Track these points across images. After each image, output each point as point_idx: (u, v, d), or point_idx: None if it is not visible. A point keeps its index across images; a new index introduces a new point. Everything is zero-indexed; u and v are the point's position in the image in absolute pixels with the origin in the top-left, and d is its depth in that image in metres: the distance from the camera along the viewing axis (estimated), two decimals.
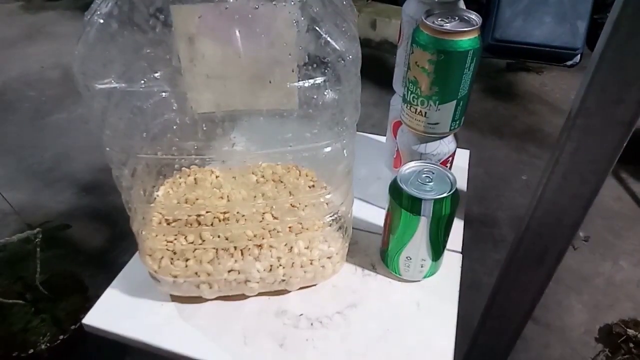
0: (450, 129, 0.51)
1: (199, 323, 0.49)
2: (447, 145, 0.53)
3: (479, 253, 1.45)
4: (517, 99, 2.23)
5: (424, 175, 0.48)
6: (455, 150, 0.55)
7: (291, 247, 0.48)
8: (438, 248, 0.50)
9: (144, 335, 0.48)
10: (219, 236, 0.47)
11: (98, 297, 0.51)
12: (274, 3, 0.39)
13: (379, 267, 0.54)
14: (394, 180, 0.48)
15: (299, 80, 0.41)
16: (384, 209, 0.50)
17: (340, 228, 0.51)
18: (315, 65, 0.41)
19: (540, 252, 0.51)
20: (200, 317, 0.49)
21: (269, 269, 0.48)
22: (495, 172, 1.77)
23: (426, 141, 0.53)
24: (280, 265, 0.48)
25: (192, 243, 0.47)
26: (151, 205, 0.48)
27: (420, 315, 0.50)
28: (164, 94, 0.41)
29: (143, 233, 0.47)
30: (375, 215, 0.59)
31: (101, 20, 0.37)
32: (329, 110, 0.43)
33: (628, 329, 1.22)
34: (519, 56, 2.42)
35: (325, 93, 0.42)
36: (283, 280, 0.49)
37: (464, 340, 0.57)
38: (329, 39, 0.40)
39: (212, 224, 0.47)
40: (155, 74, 0.40)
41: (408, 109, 0.51)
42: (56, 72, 2.32)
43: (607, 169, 0.42)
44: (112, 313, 0.50)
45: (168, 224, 0.47)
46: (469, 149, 0.71)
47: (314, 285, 0.52)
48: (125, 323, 0.49)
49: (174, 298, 0.51)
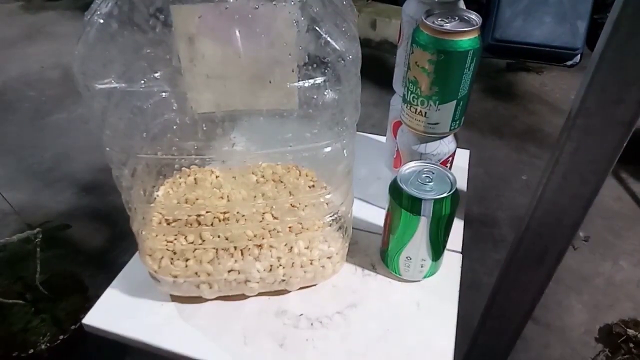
0: (450, 129, 0.51)
1: (199, 323, 0.49)
2: (447, 145, 0.53)
3: (479, 253, 1.45)
4: (517, 99, 2.23)
5: (424, 175, 0.48)
6: (455, 150, 0.55)
7: (291, 247, 0.48)
8: (438, 248, 0.50)
9: (144, 335, 0.48)
10: (219, 236, 0.47)
11: (98, 297, 0.51)
12: (274, 3, 0.39)
13: (379, 267, 0.54)
14: (394, 180, 0.48)
15: (299, 80, 0.41)
16: (384, 209, 0.50)
17: (340, 228, 0.51)
18: (315, 65, 0.41)
19: (540, 252, 0.51)
20: (200, 317, 0.49)
21: (269, 269, 0.48)
22: (495, 172, 1.77)
23: (426, 141, 0.53)
24: (280, 265, 0.48)
25: (192, 243, 0.47)
26: (151, 205, 0.48)
27: (420, 315, 0.50)
28: (164, 94, 0.41)
29: (143, 233, 0.47)
30: (375, 215, 0.59)
31: (101, 20, 0.37)
32: (329, 110, 0.43)
33: (628, 329, 1.22)
34: (519, 56, 2.42)
35: (325, 93, 0.42)
36: (283, 280, 0.49)
37: (464, 340, 0.57)
38: (329, 39, 0.40)
39: (212, 224, 0.47)
40: (155, 74, 0.40)
41: (408, 109, 0.51)
42: (56, 72, 2.32)
43: (607, 169, 0.42)
44: (112, 313, 0.50)
45: (168, 224, 0.47)
46: (469, 149, 0.71)
47: (314, 285, 0.52)
48: (125, 323, 0.49)
49: (174, 298, 0.51)
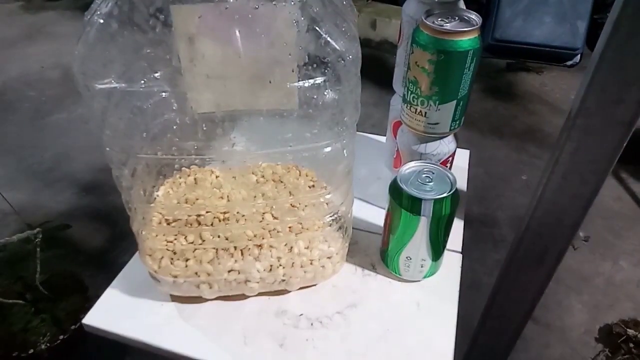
0: (450, 129, 0.51)
1: (199, 323, 0.49)
2: (447, 145, 0.53)
3: (479, 253, 1.45)
4: (517, 99, 2.23)
5: (424, 175, 0.48)
6: (455, 150, 0.55)
7: (291, 247, 0.48)
8: (438, 248, 0.50)
9: (144, 335, 0.48)
10: (219, 236, 0.47)
11: (98, 297, 0.51)
12: (274, 3, 0.39)
13: (379, 267, 0.54)
14: (394, 180, 0.48)
15: (299, 80, 0.41)
16: (384, 209, 0.50)
17: (340, 228, 0.51)
18: (315, 65, 0.41)
19: (540, 252, 0.51)
20: (200, 317, 0.49)
21: (269, 269, 0.48)
22: (495, 172, 1.77)
23: (426, 141, 0.53)
24: (280, 265, 0.48)
25: (192, 243, 0.47)
26: (151, 205, 0.48)
27: (420, 315, 0.50)
28: (164, 94, 0.41)
29: (143, 233, 0.47)
30: (375, 215, 0.59)
31: (101, 20, 0.37)
32: (329, 110, 0.43)
33: (628, 329, 1.22)
34: (519, 56, 2.42)
35: (325, 93, 0.42)
36: (283, 280, 0.49)
37: (464, 340, 0.57)
38: (329, 39, 0.40)
39: (212, 224, 0.47)
40: (155, 74, 0.40)
41: (408, 109, 0.51)
42: (56, 72, 2.32)
43: (607, 169, 0.42)
44: (112, 313, 0.50)
45: (168, 224, 0.47)
46: (469, 149, 0.71)
47: (314, 285, 0.52)
48: (125, 323, 0.49)
49: (174, 298, 0.51)
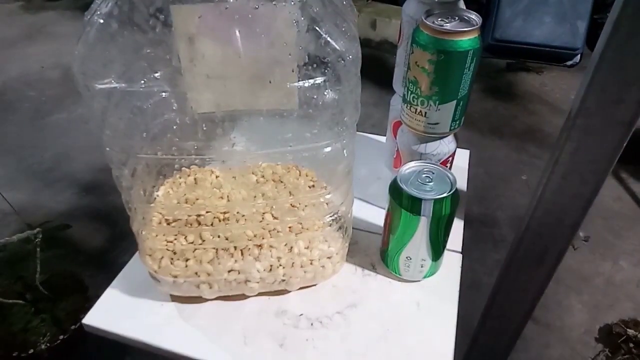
0: (450, 129, 0.51)
1: (199, 323, 0.49)
2: (447, 145, 0.53)
3: (479, 253, 1.45)
4: (517, 99, 2.23)
5: (424, 175, 0.48)
6: (455, 150, 0.55)
7: (291, 247, 0.48)
8: (438, 248, 0.50)
9: (144, 335, 0.48)
10: (219, 236, 0.47)
11: (98, 297, 0.51)
12: (274, 3, 0.39)
13: (379, 267, 0.54)
14: (394, 180, 0.48)
15: (299, 80, 0.41)
16: (384, 209, 0.50)
17: (340, 228, 0.51)
18: (315, 65, 0.41)
19: (540, 252, 0.51)
20: (200, 317, 0.49)
21: (269, 269, 0.48)
22: (495, 172, 1.77)
23: (426, 141, 0.53)
24: (280, 265, 0.48)
25: (192, 243, 0.47)
26: (151, 205, 0.48)
27: (420, 315, 0.50)
28: (164, 94, 0.41)
29: (143, 233, 0.47)
30: (375, 215, 0.59)
31: (101, 20, 0.37)
32: (329, 110, 0.43)
33: (628, 329, 1.22)
34: (519, 56, 2.42)
35: (325, 93, 0.42)
36: (283, 280, 0.49)
37: (464, 340, 0.57)
38: (329, 39, 0.40)
39: (212, 224, 0.47)
40: (155, 74, 0.40)
41: (408, 109, 0.51)
42: (56, 72, 2.32)
43: (607, 169, 0.42)
44: (112, 313, 0.50)
45: (168, 224, 0.47)
46: (469, 149, 0.71)
47: (314, 285, 0.52)
48: (125, 323, 0.49)
49: (174, 298, 0.51)
